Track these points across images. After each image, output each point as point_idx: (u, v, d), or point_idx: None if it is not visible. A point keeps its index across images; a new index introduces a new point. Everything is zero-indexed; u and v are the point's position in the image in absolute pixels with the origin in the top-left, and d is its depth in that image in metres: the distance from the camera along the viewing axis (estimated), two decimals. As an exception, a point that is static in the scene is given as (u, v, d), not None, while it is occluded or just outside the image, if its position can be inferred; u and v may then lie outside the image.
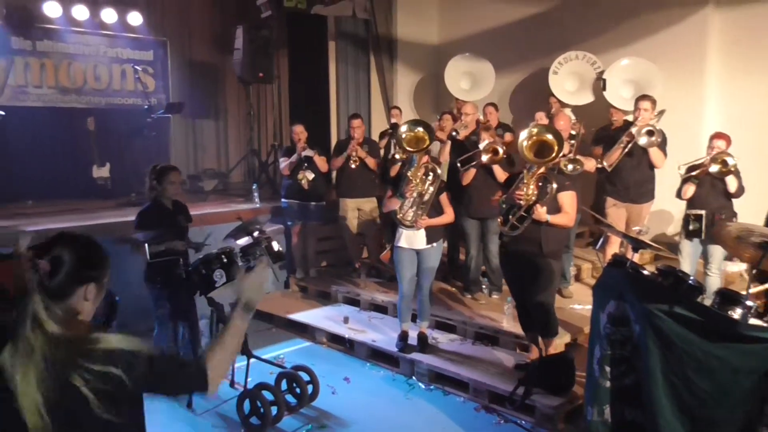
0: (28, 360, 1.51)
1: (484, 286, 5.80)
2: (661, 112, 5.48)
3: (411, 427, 4.08)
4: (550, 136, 4.01)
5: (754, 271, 2.76)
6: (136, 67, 7.79)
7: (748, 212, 4.92)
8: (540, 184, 4.10)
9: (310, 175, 6.24)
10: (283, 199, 6.58)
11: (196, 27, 8.84)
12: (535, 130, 4.09)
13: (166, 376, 1.69)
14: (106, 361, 1.54)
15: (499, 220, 4.25)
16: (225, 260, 4.10)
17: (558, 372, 4.15)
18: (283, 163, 6.44)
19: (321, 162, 6.35)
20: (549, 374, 4.13)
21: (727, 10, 6.64)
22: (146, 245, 4.00)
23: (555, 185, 4.05)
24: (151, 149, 7.64)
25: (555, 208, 4.09)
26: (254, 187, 7.18)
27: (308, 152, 6.18)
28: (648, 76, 6.63)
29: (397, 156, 5.88)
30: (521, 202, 4.07)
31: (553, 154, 3.99)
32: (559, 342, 4.56)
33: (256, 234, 4.31)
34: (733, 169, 4.80)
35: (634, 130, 5.27)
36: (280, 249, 4.37)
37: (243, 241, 4.33)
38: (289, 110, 9.08)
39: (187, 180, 8.07)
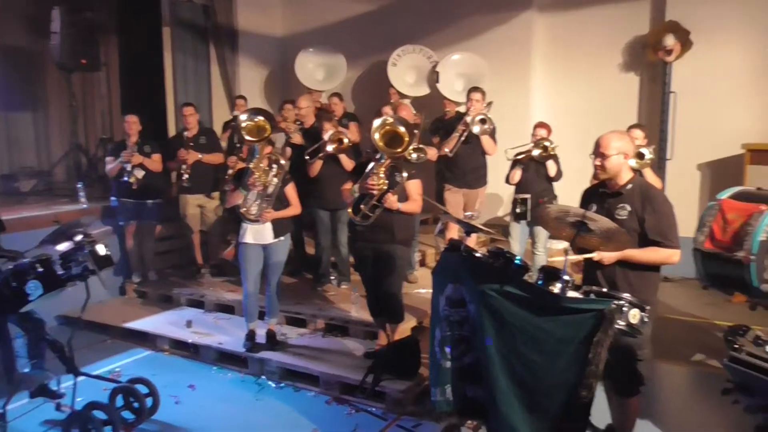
0: None
1: (332, 277, 5.80)
2: (490, 103, 5.90)
3: (261, 427, 3.96)
4: (402, 129, 4.11)
5: (569, 248, 3.01)
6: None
7: (567, 195, 5.41)
8: (389, 173, 4.16)
9: (140, 173, 5.81)
10: (112, 198, 6.05)
11: (4, 6, 7.77)
12: (389, 120, 4.16)
13: None
14: None
15: (349, 210, 4.25)
16: (40, 269, 3.62)
17: (405, 356, 4.25)
18: (109, 164, 5.95)
19: (153, 163, 5.93)
20: (397, 359, 4.21)
21: (549, 14, 7.36)
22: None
23: (405, 174, 4.16)
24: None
25: (404, 197, 4.20)
26: (80, 185, 6.51)
27: (136, 158, 5.79)
28: (478, 70, 7.09)
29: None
30: (374, 191, 4.10)
31: (403, 146, 4.09)
32: (405, 327, 4.68)
33: (78, 238, 3.86)
34: (552, 152, 5.26)
35: (468, 119, 5.62)
36: (108, 253, 3.96)
37: (63, 246, 3.85)
38: (120, 101, 8.38)
39: (0, 181, 7.11)
